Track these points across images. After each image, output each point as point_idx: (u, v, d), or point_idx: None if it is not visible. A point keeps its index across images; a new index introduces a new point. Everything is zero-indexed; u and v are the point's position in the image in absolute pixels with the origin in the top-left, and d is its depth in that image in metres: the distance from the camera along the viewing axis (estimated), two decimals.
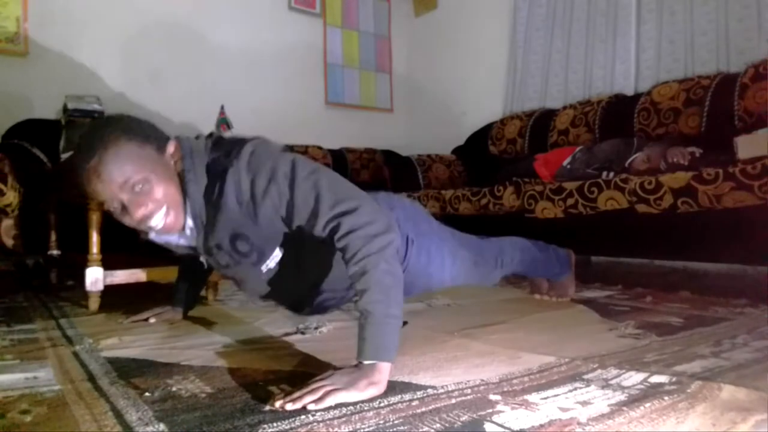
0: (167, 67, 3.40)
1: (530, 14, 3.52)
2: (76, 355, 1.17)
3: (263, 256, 1.14)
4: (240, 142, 1.07)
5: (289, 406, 0.81)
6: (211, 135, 1.15)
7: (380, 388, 0.88)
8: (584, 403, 0.84)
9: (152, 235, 1.17)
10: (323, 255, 1.19)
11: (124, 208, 1.03)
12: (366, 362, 0.90)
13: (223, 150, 1.08)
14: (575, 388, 0.91)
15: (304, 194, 1.00)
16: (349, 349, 0.94)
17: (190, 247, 1.20)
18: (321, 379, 0.88)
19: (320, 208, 0.99)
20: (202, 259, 1.23)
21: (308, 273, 1.23)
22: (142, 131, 1.06)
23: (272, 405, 0.83)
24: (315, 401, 0.82)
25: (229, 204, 1.04)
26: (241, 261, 1.14)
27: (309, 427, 0.75)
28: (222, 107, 3.58)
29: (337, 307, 1.40)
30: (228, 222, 1.07)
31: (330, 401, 0.83)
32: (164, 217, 1.06)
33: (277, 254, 1.15)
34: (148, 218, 1.05)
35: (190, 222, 1.11)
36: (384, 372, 0.90)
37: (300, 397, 0.83)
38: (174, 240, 1.19)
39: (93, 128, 1.07)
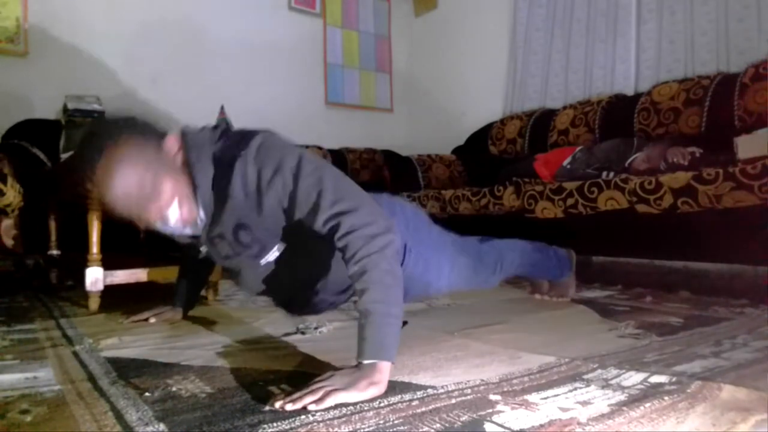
0: (167, 68, 3.40)
1: (530, 14, 3.52)
2: (76, 355, 1.17)
3: (263, 250, 1.14)
4: (249, 134, 1.07)
5: (290, 407, 0.81)
6: (217, 126, 1.15)
7: (381, 388, 0.88)
8: (584, 403, 0.84)
9: (158, 224, 1.14)
10: (321, 256, 1.19)
11: (136, 213, 1.03)
12: (366, 362, 0.90)
13: (231, 140, 1.08)
14: (575, 388, 0.91)
15: (308, 188, 1.00)
16: (349, 349, 0.94)
17: (193, 236, 1.19)
18: (321, 380, 0.88)
19: (321, 203, 0.99)
20: (202, 249, 1.21)
21: (304, 273, 1.23)
22: (141, 131, 1.05)
23: (272, 405, 0.83)
24: (315, 402, 0.82)
25: (235, 193, 1.04)
26: (241, 252, 1.14)
27: (309, 427, 0.75)
28: (222, 107, 3.57)
29: (331, 308, 1.39)
30: (233, 212, 1.07)
31: (330, 402, 0.83)
32: (179, 210, 1.06)
33: (278, 249, 1.14)
34: (164, 214, 1.05)
35: (201, 213, 1.11)
36: (384, 372, 0.90)
37: (300, 398, 0.83)
38: (179, 229, 1.17)
39: (92, 133, 1.06)
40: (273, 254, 1.15)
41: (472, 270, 1.47)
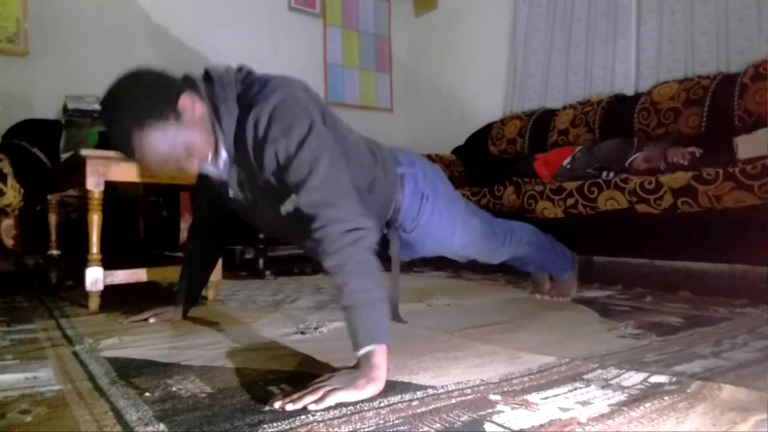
0: (167, 67, 3.40)
1: (530, 14, 3.52)
2: (76, 355, 1.17)
3: (280, 197, 1.13)
4: (272, 85, 1.07)
5: (290, 407, 0.81)
6: (240, 69, 1.15)
7: (379, 384, 0.88)
8: (584, 403, 0.84)
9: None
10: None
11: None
12: (363, 351, 0.91)
13: (255, 85, 1.09)
14: (575, 388, 0.91)
15: (303, 162, 1.01)
16: (349, 349, 0.94)
17: (222, 181, 1.20)
18: (320, 381, 0.89)
19: (307, 184, 1.01)
20: (231, 192, 1.21)
21: None
22: (155, 106, 1.03)
23: (272, 406, 0.83)
24: (315, 401, 0.82)
25: (248, 138, 1.06)
26: (261, 198, 1.16)
27: (309, 427, 0.75)
28: None
29: None
30: (248, 156, 1.09)
31: (330, 401, 0.83)
32: (195, 162, 1.09)
33: (292, 201, 1.13)
34: (181, 171, 1.10)
35: (224, 154, 1.12)
36: (381, 360, 0.90)
37: (300, 398, 0.83)
38: (213, 170, 1.19)
39: (111, 116, 1.05)
40: (291, 202, 1.13)
41: (483, 235, 1.53)
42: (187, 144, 1.05)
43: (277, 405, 0.82)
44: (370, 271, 0.97)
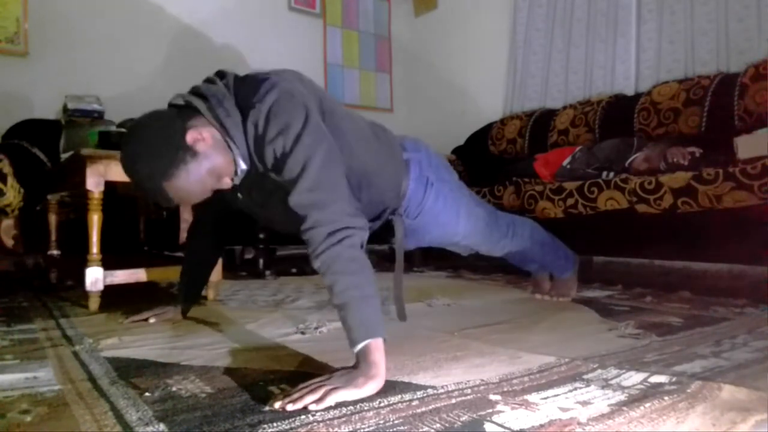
0: (167, 67, 3.40)
1: (530, 14, 3.52)
2: (76, 355, 1.17)
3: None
4: (266, 85, 1.07)
5: (290, 407, 0.81)
6: (223, 75, 1.14)
7: (379, 382, 0.89)
8: (584, 403, 0.84)
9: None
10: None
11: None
12: (359, 347, 0.92)
13: (249, 88, 1.09)
14: (575, 388, 0.91)
15: (297, 159, 1.02)
16: (348, 348, 0.94)
17: (233, 186, 1.20)
18: (320, 381, 0.89)
19: (300, 182, 1.02)
20: (239, 195, 1.22)
21: None
22: (169, 156, 1.03)
23: (272, 406, 0.83)
24: (316, 401, 0.82)
25: (248, 141, 1.08)
26: (269, 198, 1.16)
27: (309, 427, 0.75)
28: None
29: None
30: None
31: (330, 401, 0.83)
32: (227, 182, 1.12)
33: None
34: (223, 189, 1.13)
35: (242, 165, 1.13)
36: (378, 356, 0.91)
37: (300, 398, 0.83)
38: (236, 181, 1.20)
39: (141, 182, 1.07)
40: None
41: (486, 224, 1.55)
42: (211, 170, 1.07)
43: (277, 405, 0.82)
44: (358, 268, 0.98)
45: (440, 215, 1.40)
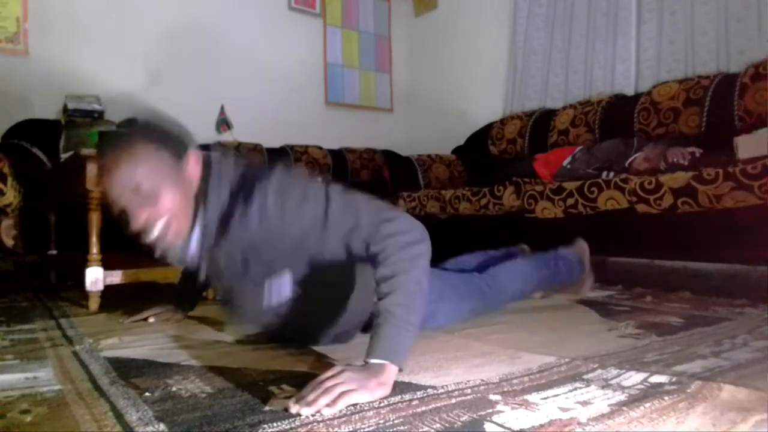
0: (167, 67, 3.40)
1: (530, 14, 3.52)
2: (76, 355, 1.17)
3: (268, 273, 1.11)
4: (267, 173, 1.06)
5: (305, 411, 0.79)
6: (237, 161, 1.12)
7: (387, 389, 0.87)
8: (584, 403, 0.84)
9: (141, 233, 1.09)
10: (338, 289, 1.16)
11: (126, 212, 1.02)
12: (374, 361, 0.88)
13: (251, 170, 1.08)
14: (575, 388, 0.91)
15: (340, 211, 1.01)
16: (348, 349, 0.94)
17: (188, 257, 1.15)
18: (333, 378, 0.85)
19: (360, 221, 1.00)
20: (201, 267, 1.17)
21: (322, 304, 1.18)
22: (163, 136, 1.04)
23: (283, 407, 0.81)
24: (329, 404, 0.80)
25: (250, 223, 1.03)
26: (246, 281, 1.12)
27: (309, 427, 0.75)
28: (222, 107, 3.58)
29: (345, 339, 1.27)
30: (242, 240, 1.06)
31: (343, 403, 0.81)
32: (164, 229, 1.03)
33: (286, 280, 1.11)
34: (147, 227, 1.03)
35: (196, 234, 1.09)
36: (391, 375, 0.88)
37: (315, 400, 0.80)
38: (158, 247, 1.11)
39: (117, 128, 1.08)
40: (282, 286, 1.11)
41: (470, 310, 1.48)
42: (159, 186, 1.00)
43: (293, 410, 0.79)
44: (417, 292, 0.96)
45: (435, 322, 1.36)
